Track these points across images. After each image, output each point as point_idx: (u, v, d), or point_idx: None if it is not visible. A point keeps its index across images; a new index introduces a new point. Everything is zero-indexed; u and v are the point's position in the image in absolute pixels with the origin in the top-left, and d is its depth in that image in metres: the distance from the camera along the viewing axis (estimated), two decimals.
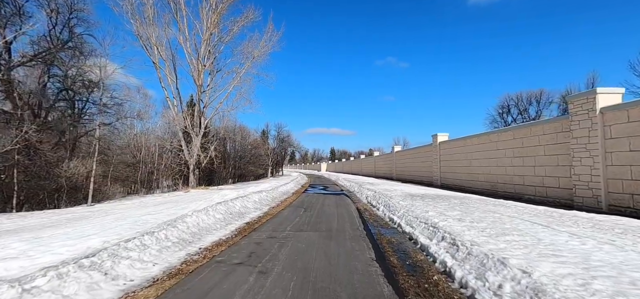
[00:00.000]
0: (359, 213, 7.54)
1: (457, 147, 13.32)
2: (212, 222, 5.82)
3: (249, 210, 7.98)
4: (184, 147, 19.17)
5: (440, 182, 15.05)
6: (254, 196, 9.82)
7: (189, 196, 13.18)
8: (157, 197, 14.28)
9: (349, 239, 4.77)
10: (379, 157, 30.89)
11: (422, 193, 9.46)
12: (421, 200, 7.50)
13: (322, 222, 6.29)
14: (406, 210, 6.02)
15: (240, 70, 19.62)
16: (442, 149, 15.01)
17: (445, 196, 8.41)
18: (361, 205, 9.18)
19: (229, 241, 4.74)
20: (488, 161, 10.84)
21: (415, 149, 19.10)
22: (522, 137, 9.00)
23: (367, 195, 10.93)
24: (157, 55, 17.51)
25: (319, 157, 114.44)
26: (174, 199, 12.56)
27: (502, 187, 9.95)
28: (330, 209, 8.23)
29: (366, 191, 12.11)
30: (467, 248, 3.18)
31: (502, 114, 44.24)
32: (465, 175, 12.49)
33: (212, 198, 9.92)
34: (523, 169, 8.92)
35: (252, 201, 9.17)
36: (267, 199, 10.47)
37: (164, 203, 10.88)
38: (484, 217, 4.84)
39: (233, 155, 33.20)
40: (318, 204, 9.57)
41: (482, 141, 11.31)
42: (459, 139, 13.37)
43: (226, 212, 6.78)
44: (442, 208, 5.97)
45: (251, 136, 40.78)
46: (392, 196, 8.45)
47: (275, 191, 12.60)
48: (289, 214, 7.49)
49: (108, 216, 7.95)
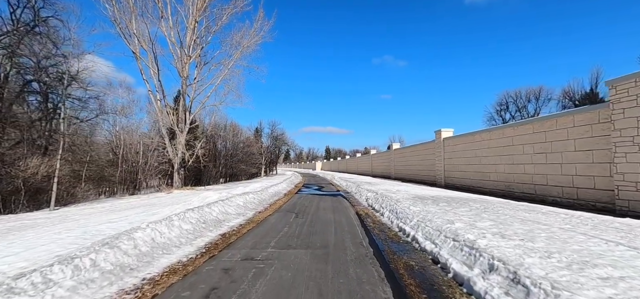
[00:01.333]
0: (360, 220, 6.32)
1: (464, 144, 12.19)
2: (175, 235, 4.54)
3: (229, 217, 6.71)
4: (167, 145, 17.75)
5: (444, 182, 13.94)
6: (238, 199, 8.54)
7: (169, 198, 11.86)
8: (134, 199, 12.90)
9: (352, 261, 3.54)
10: (376, 155, 29.76)
11: (432, 195, 8.29)
12: (434, 204, 6.31)
13: (316, 233, 5.05)
14: (421, 218, 4.81)
15: (228, 62, 18.27)
16: (446, 146, 13.89)
17: (460, 199, 7.24)
18: (361, 209, 7.98)
19: (189, 266, 3.48)
20: (501, 158, 9.72)
21: (415, 147, 17.97)
22: (544, 131, 7.87)
23: (367, 197, 9.73)
24: (138, 44, 16.06)
25: (314, 156, 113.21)
26: (150, 201, 11.22)
27: (518, 188, 8.83)
28: (326, 215, 7.01)
29: (365, 192, 10.92)
30: (546, 293, 1.97)
31: (500, 111, 43.56)
32: (474, 174, 11.37)
33: (191, 201, 8.65)
34: (546, 167, 7.80)
35: (235, 204, 7.89)
36: (254, 201, 9.21)
37: (137, 207, 9.55)
38: (530, 230, 3.65)
39: (224, 153, 31.76)
40: (312, 207, 8.34)
41: (494, 136, 10.19)
42: (467, 135, 12.24)
43: (198, 221, 5.50)
44: (466, 216, 4.78)
45: (243, 133, 39.38)
46: (399, 198, 7.25)
47: (264, 192, 11.33)
48: (276, 222, 6.23)
49: (58, 225, 6.61)
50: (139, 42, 15.96)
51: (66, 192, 11.59)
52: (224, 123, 33.21)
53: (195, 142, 18.30)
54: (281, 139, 52.05)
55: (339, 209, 7.92)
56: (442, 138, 14.18)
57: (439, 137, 14.51)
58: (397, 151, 22.04)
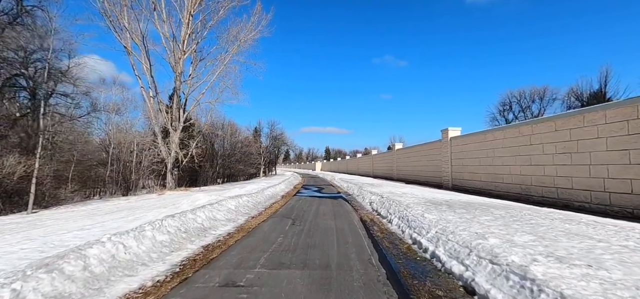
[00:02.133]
0: (365, 228, 5.55)
1: (474, 144, 11.42)
2: (145, 250, 3.76)
3: (216, 223, 5.93)
4: (160, 144, 16.98)
5: (451, 183, 13.16)
6: (230, 202, 7.76)
7: (158, 201, 11.08)
8: (123, 201, 12.12)
9: (361, 289, 2.76)
10: (378, 155, 28.99)
11: (444, 199, 7.50)
12: (450, 210, 5.54)
13: (315, 246, 4.28)
14: (440, 229, 4.03)
15: (225, 57, 17.50)
16: (454, 145, 13.12)
17: (477, 204, 6.46)
18: (366, 214, 7.20)
19: (150, 295, 2.70)
20: (517, 158, 8.95)
21: (420, 146, 17.19)
22: (569, 128, 7.10)
23: (371, 200, 8.96)
24: (129, 39, 15.29)
25: (314, 157, 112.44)
26: (138, 204, 10.45)
27: (537, 191, 8.06)
28: (327, 221, 6.23)
29: (368, 194, 10.14)
30: None
31: (503, 111, 42.76)
32: (485, 176, 10.60)
33: (179, 204, 7.89)
34: (571, 168, 7.03)
35: (226, 209, 7.11)
36: (247, 205, 8.43)
37: (120, 210, 8.77)
38: (587, 249, 2.87)
39: (221, 153, 30.99)
40: (311, 212, 7.56)
41: (509, 135, 9.41)
42: (477, 134, 11.47)
43: (178, 231, 4.72)
44: (494, 227, 4.00)
45: (241, 133, 38.63)
46: (408, 203, 6.47)
47: (260, 194, 10.56)
48: (270, 230, 5.46)
49: (21, 233, 5.81)
50: (130, 37, 15.20)
51: (48, 193, 10.80)
52: (222, 122, 32.45)
53: (190, 141, 17.52)
54: (280, 139, 51.29)
55: (341, 215, 7.14)
56: (449, 137, 13.41)
57: (445, 136, 13.74)
58: (400, 151, 21.26)
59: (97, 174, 15.25)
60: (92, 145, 16.79)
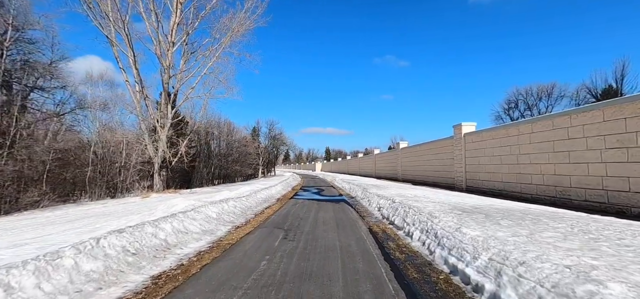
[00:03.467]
0: (378, 245, 4.24)
1: (494, 140, 10.11)
2: (49, 291, 2.48)
3: (186, 238, 4.62)
4: (147, 142, 15.70)
5: (465, 184, 11.85)
6: (211, 209, 6.45)
7: (137, 205, 9.80)
8: (99, 206, 10.82)
9: None
10: (380, 155, 27.67)
11: (471, 204, 6.19)
12: (492, 222, 4.22)
13: (312, 277, 2.97)
14: (497, 254, 2.73)
15: (217, 49, 16.22)
16: (468, 142, 11.81)
17: (518, 212, 5.15)
18: (374, 223, 5.90)
19: None
20: (550, 155, 7.65)
21: (428, 145, 15.87)
22: (624, 117, 5.80)
23: (380, 204, 7.65)
24: (113, 29, 14.02)
25: (314, 157, 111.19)
26: (112, 209, 9.15)
27: (579, 194, 6.75)
28: (328, 234, 4.92)
29: (375, 197, 8.84)
30: None
31: (509, 109, 41.42)
32: (508, 176, 9.29)
33: (154, 211, 6.62)
34: (627, 167, 5.72)
35: (203, 217, 5.81)
36: (234, 211, 7.12)
37: (87, 217, 7.46)
38: None
39: (216, 153, 29.69)
40: (309, 220, 6.26)
41: (539, 128, 8.11)
42: (497, 128, 10.16)
43: (122, 252, 3.42)
44: (576, 249, 2.70)
45: (239, 132, 37.33)
46: (431, 211, 5.15)
47: (252, 197, 9.26)
48: (254, 247, 4.15)
49: None
50: (114, 26, 13.92)
51: (10, 198, 9.51)
52: (218, 121, 31.17)
53: (180, 139, 16.22)
54: (279, 139, 50.03)
55: (345, 224, 5.83)
56: (462, 133, 12.10)
57: (458, 132, 12.43)
58: (405, 150, 19.95)
59: (77, 176, 13.95)
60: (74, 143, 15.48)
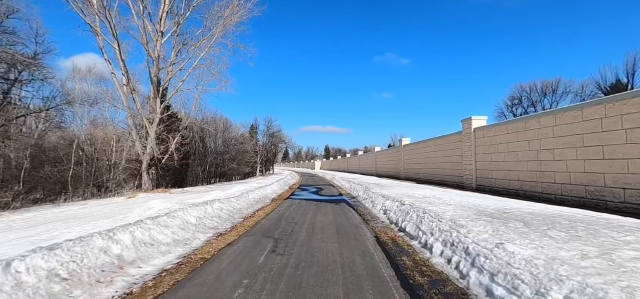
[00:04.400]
0: (390, 262, 3.35)
1: (509, 134, 9.21)
2: None
3: (151, 251, 3.72)
4: (134, 139, 14.77)
5: (475, 183, 10.96)
6: (191, 212, 5.54)
7: (116, 207, 8.90)
8: (75, 207, 9.86)
9: None
10: (382, 153, 26.77)
11: (498, 208, 5.29)
12: (539, 233, 3.33)
13: None
14: (577, 290, 1.81)
15: (209, 39, 15.26)
16: (479, 137, 10.91)
17: (560, 218, 4.26)
18: (382, 229, 5.00)
19: None
20: (578, 151, 6.76)
21: (433, 141, 14.97)
22: None
23: (385, 206, 6.75)
24: (98, 19, 13.07)
25: (313, 155, 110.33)
26: (87, 212, 8.22)
27: (616, 195, 5.86)
28: (326, 244, 4.03)
29: (379, 198, 7.94)
30: None
31: (512, 106, 40.47)
32: (526, 174, 8.40)
33: (128, 215, 5.76)
34: None
35: (180, 223, 4.90)
36: (220, 215, 6.22)
37: (45, 224, 6.41)
38: None
39: (211, 150, 28.76)
40: (304, 224, 5.36)
41: (564, 120, 7.21)
42: (513, 122, 9.26)
43: (45, 279, 2.53)
44: None
45: (235, 129, 36.37)
46: (454, 217, 4.26)
47: (243, 198, 8.36)
48: (232, 266, 3.25)
49: None
50: (97, 14, 12.95)
51: None
52: (213, 117, 30.22)
53: (170, 135, 15.28)
54: (278, 137, 49.10)
55: (347, 230, 4.93)
56: (472, 128, 11.20)
57: (467, 127, 11.53)
58: (408, 147, 19.05)
59: (60, 175, 13.02)
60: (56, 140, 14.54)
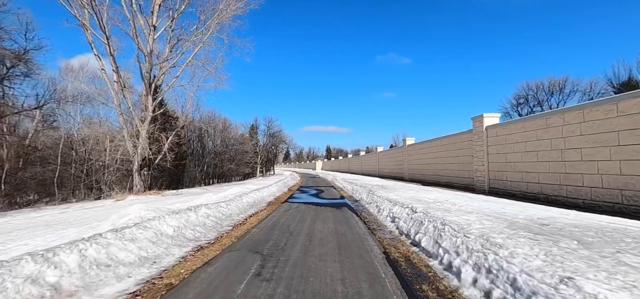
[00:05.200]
0: (405, 289, 2.58)
1: (527, 132, 8.42)
2: None
3: (104, 275, 2.97)
4: (125, 138, 14.08)
5: (487, 186, 10.17)
6: (169, 221, 4.80)
7: (96, 211, 8.17)
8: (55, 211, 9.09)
9: None
10: (384, 153, 25.98)
11: (527, 216, 4.50)
12: (605, 257, 2.56)
13: None
14: None
15: (205, 33, 14.54)
16: (491, 136, 10.11)
17: (615, 232, 3.47)
18: (390, 242, 4.24)
19: None
20: (612, 150, 5.96)
21: (440, 140, 14.17)
22: None
23: (393, 213, 5.97)
24: (87, 13, 12.39)
25: (314, 156, 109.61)
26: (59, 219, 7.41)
27: None
28: (325, 263, 3.26)
29: (384, 202, 7.16)
30: None
31: (518, 105, 39.55)
32: (547, 176, 7.61)
33: (101, 224, 5.05)
34: None
35: (151, 235, 4.15)
36: (206, 222, 5.47)
37: (7, 233, 5.82)
38: None
39: (210, 151, 28.05)
40: (300, 236, 4.60)
41: (593, 115, 6.41)
42: (532, 118, 8.46)
43: None
44: None
45: (235, 129, 35.68)
46: (485, 233, 3.49)
47: (235, 203, 7.60)
48: (202, 295, 2.51)
49: None
50: (85, 6, 12.26)
51: None
52: (212, 117, 29.54)
53: (162, 135, 14.57)
54: (278, 137, 48.37)
55: (350, 244, 4.16)
56: (484, 126, 10.40)
57: (479, 125, 10.73)
58: (413, 147, 18.25)
59: (44, 176, 12.35)
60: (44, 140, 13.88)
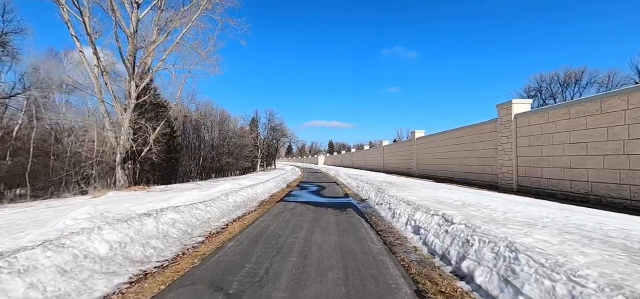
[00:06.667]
0: None
1: (573, 119, 6.95)
2: None
3: None
4: (106, 127, 12.79)
5: (516, 183, 8.73)
6: (108, 235, 3.45)
7: (39, 212, 6.89)
8: (3, 213, 7.94)
9: None
10: (390, 147, 24.51)
11: (633, 235, 3.08)
12: None
13: None
14: None
15: (194, 12, 13.11)
16: (522, 125, 8.64)
17: None
18: (421, 269, 2.85)
19: None
20: None
21: (456, 132, 12.69)
22: None
23: (415, 221, 4.57)
24: None
25: (317, 150, 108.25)
26: None
27: None
28: None
29: (400, 204, 5.76)
30: None
31: (529, 98, 37.79)
32: (602, 173, 6.17)
33: (29, 229, 3.69)
34: None
35: (65, 259, 2.80)
36: (173, 231, 4.12)
37: None
38: None
39: (208, 144, 26.74)
40: (291, 256, 3.20)
41: None
42: (579, 103, 6.95)
43: None
44: None
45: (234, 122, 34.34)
46: (614, 277, 2.03)
47: (218, 203, 6.25)
48: None
49: None
50: None
51: None
52: (210, 109, 28.19)
53: (148, 125, 13.23)
54: (280, 130, 46.99)
55: (361, 269, 2.77)
56: (513, 114, 8.93)
57: (506, 113, 9.25)
58: (423, 140, 16.77)
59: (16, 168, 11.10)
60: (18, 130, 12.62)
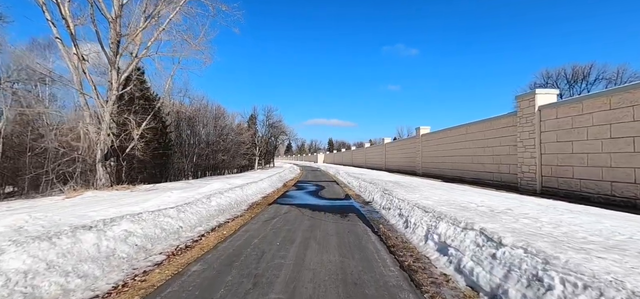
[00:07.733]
0: None
1: (615, 111, 5.94)
2: None
3: None
4: (87, 120, 11.74)
5: (540, 184, 7.72)
6: (10, 261, 2.43)
7: None
8: None
9: None
10: (393, 144, 23.48)
11: None
12: None
13: None
14: None
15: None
16: (547, 118, 7.62)
17: None
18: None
19: None
20: None
21: (467, 128, 11.64)
22: None
23: (439, 235, 3.56)
24: None
25: (317, 148, 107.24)
26: None
27: None
28: None
29: (414, 210, 4.75)
30: None
31: None
32: None
33: None
34: None
35: None
36: (123, 249, 3.10)
37: None
38: None
39: (203, 141, 25.67)
40: (273, 289, 2.23)
41: None
42: (627, 89, 5.92)
43: None
44: None
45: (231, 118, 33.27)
46: None
47: (195, 207, 5.23)
48: None
49: None
50: None
51: None
52: (204, 104, 27.13)
53: (132, 118, 12.18)
54: (278, 128, 45.88)
55: None
56: (536, 107, 7.90)
57: (528, 105, 8.22)
58: (429, 137, 15.73)
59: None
60: None
